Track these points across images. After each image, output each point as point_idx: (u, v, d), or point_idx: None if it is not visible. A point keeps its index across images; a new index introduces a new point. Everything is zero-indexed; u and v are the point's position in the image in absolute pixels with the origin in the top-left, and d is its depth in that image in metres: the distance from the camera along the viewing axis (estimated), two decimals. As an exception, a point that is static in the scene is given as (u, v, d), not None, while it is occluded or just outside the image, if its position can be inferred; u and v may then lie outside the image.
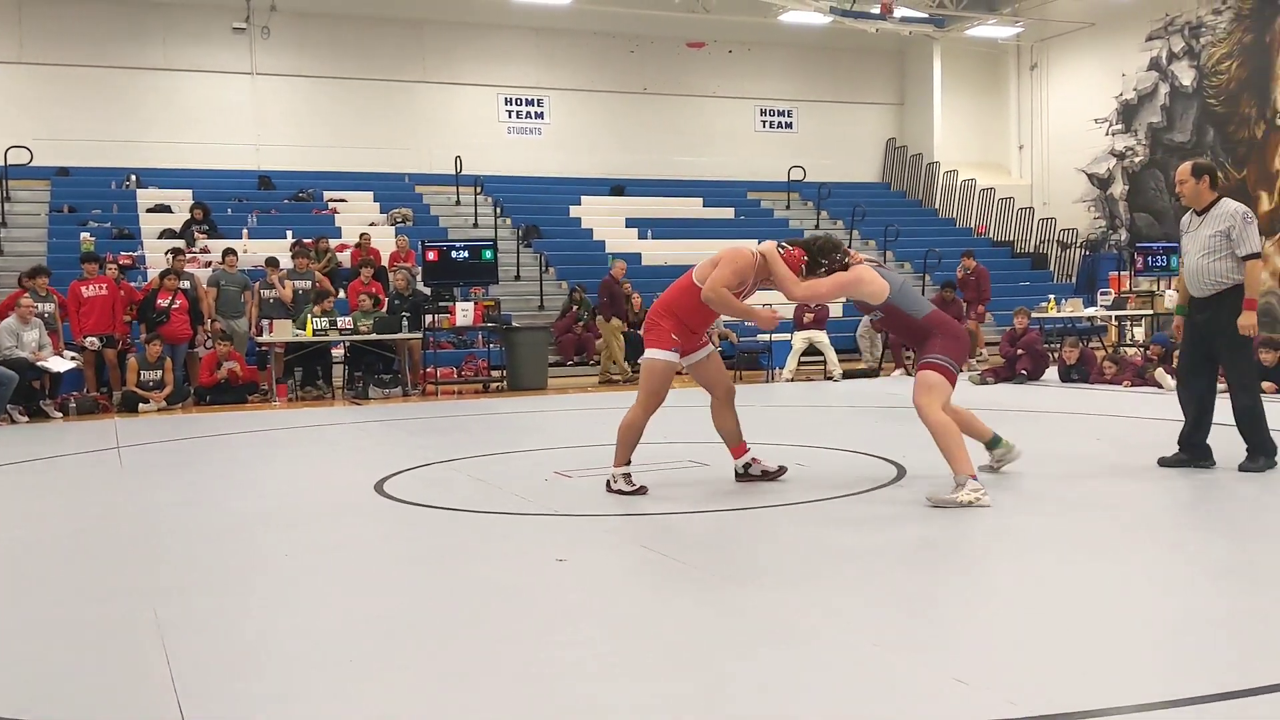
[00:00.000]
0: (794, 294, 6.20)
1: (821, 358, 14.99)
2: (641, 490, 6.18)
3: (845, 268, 6.15)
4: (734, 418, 6.51)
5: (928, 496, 5.76)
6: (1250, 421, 6.46)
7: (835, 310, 18.01)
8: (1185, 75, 22.33)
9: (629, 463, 6.26)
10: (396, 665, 3.47)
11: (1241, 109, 21.32)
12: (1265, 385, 10.53)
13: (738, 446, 6.55)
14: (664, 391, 6.22)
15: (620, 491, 6.18)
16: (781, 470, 6.56)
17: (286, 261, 15.01)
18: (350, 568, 4.82)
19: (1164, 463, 6.67)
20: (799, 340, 14.93)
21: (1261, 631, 3.59)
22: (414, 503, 6.19)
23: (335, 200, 20.34)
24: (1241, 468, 6.40)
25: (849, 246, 6.57)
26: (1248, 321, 6.34)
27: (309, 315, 13.36)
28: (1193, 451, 6.61)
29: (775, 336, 15.43)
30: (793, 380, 14.61)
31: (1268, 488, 6.06)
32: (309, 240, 16.70)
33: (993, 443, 6.62)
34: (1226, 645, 3.45)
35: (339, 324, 13.39)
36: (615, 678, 3.30)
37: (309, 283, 14.60)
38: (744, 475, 6.53)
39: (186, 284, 13.77)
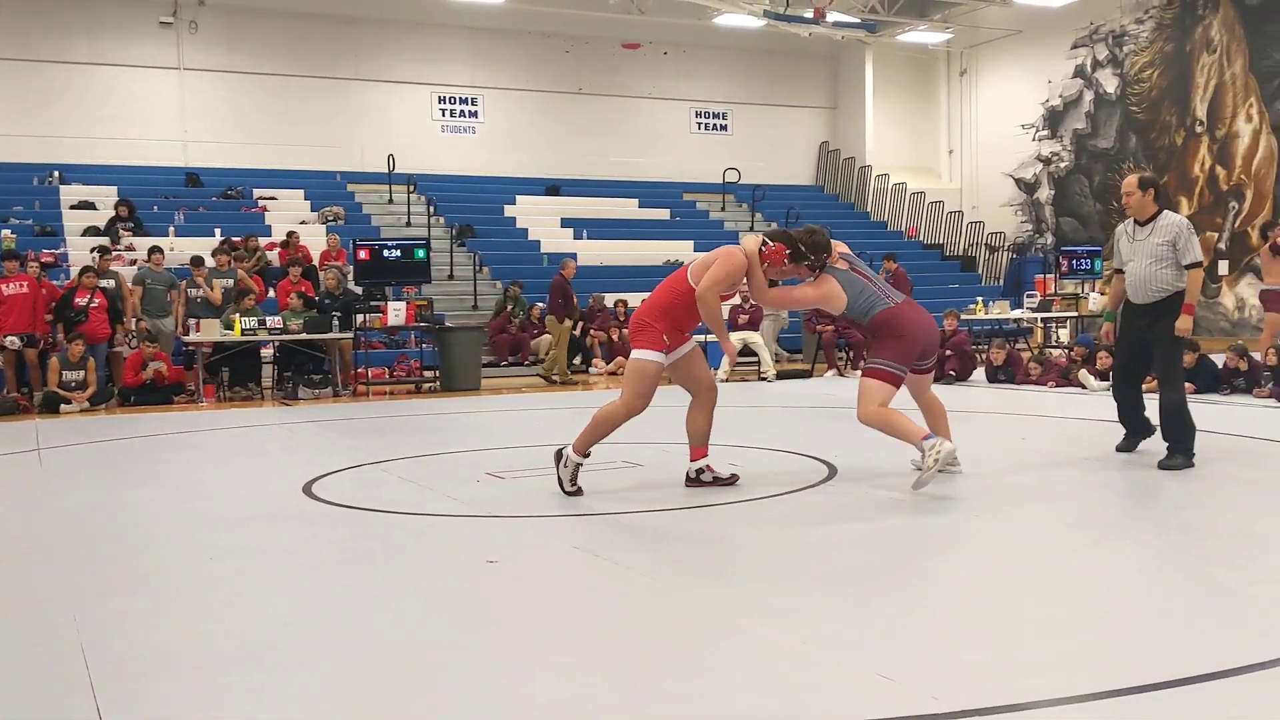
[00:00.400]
0: (765, 300, 6.27)
1: (755, 358, 15.09)
2: (578, 492, 6.11)
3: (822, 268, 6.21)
4: (708, 420, 6.39)
5: (913, 487, 5.96)
6: (1175, 419, 6.69)
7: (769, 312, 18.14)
8: (1109, 83, 22.85)
9: (587, 455, 6.11)
10: (318, 669, 3.43)
11: (1163, 116, 21.87)
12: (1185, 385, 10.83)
13: (700, 449, 6.40)
14: (650, 394, 6.10)
15: (560, 482, 6.06)
16: (734, 479, 6.44)
17: (213, 261, 14.75)
18: (275, 571, 4.76)
19: (1121, 449, 7.22)
20: (734, 341, 14.99)
21: (1178, 627, 3.68)
22: (343, 505, 6.12)
23: (265, 198, 20.05)
24: (1161, 465, 6.58)
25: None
26: (1185, 325, 6.69)
27: (237, 314, 13.15)
28: (1135, 427, 7.18)
29: (709, 338, 15.51)
30: (726, 380, 14.68)
31: (1189, 485, 6.22)
32: (238, 239, 16.45)
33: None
34: (1143, 640, 3.53)
35: (268, 323, 13.20)
36: (539, 678, 3.29)
37: (231, 281, 14.37)
38: (694, 480, 6.37)
39: (110, 282, 13.47)
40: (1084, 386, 11.92)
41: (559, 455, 6.15)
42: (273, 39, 21.57)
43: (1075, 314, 18.33)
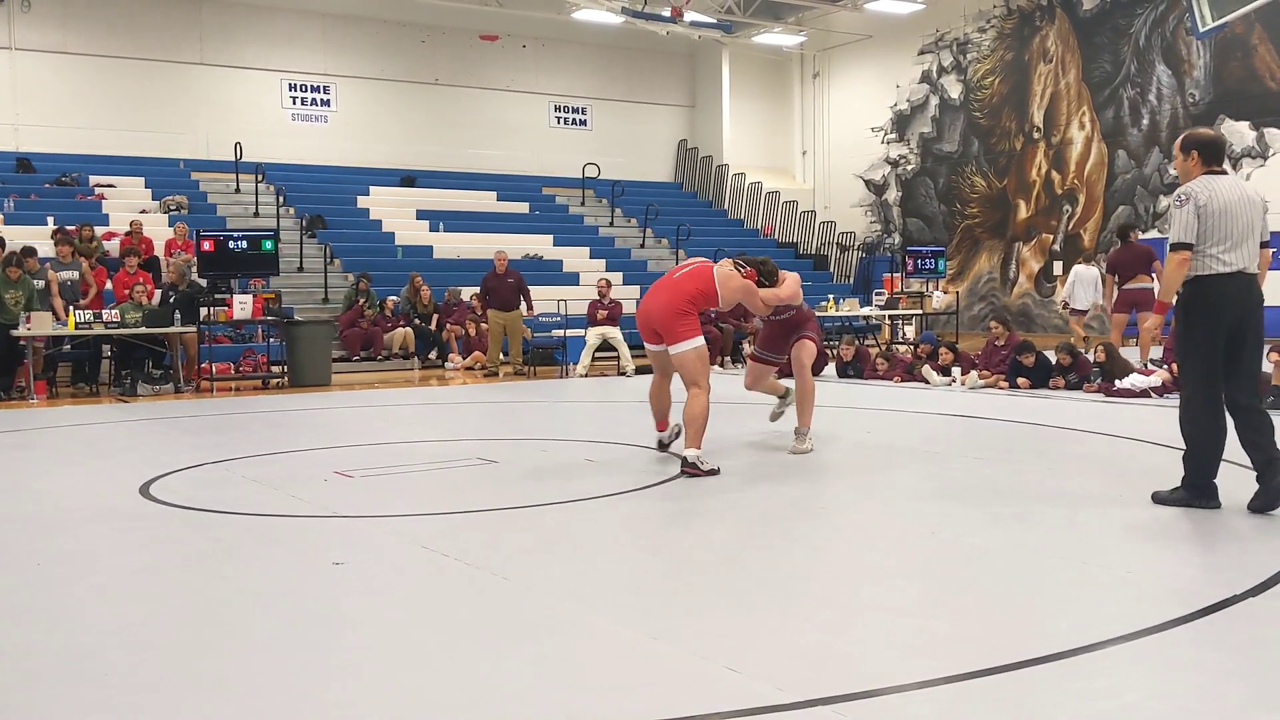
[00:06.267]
0: (761, 307, 7.31)
1: (615, 353, 15.14)
2: (715, 471, 6.52)
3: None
4: (670, 398, 7.32)
5: (790, 450, 7.25)
6: (1183, 434, 5.52)
7: (629, 308, 18.24)
8: (953, 89, 23.70)
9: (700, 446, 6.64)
10: (152, 677, 3.29)
11: (1003, 122, 22.80)
12: (1054, 381, 11.31)
13: (663, 422, 7.41)
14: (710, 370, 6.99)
15: (699, 471, 6.46)
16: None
17: (46, 250, 14.03)
18: (108, 575, 4.54)
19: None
20: (593, 336, 15.04)
21: (1014, 611, 3.83)
22: (182, 505, 5.89)
23: (103, 185, 19.15)
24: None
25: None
26: (1148, 324, 6.44)
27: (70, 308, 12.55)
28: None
29: (570, 332, 15.50)
30: (586, 375, 14.70)
31: (1050, 472, 6.50)
32: (72, 227, 15.68)
33: (783, 395, 8.14)
34: (983, 625, 3.66)
35: (104, 316, 12.61)
36: (382, 680, 3.22)
37: (75, 274, 13.69)
38: (667, 446, 7.37)
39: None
40: (927, 381, 12.34)
41: (686, 463, 6.54)
42: (110, 19, 20.61)
43: (920, 311, 18.96)
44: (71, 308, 12.72)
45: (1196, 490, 5.38)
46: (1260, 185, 18.44)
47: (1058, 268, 21.45)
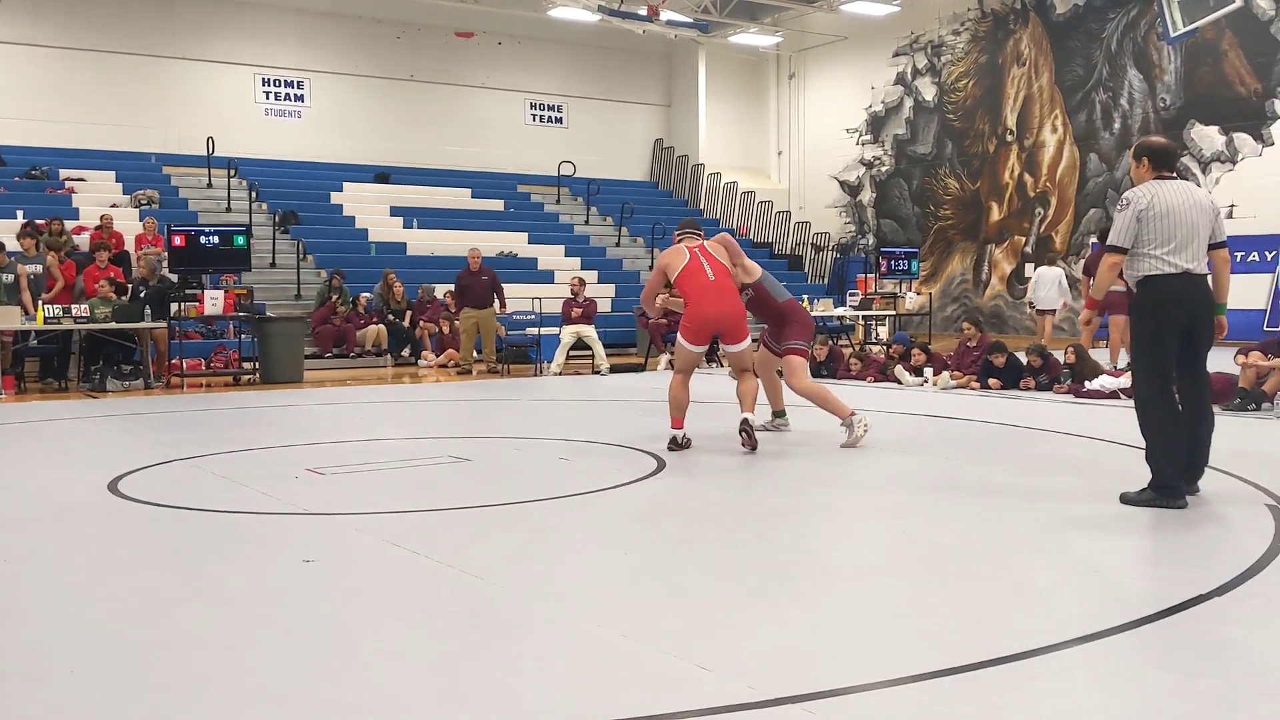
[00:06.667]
0: (755, 274, 7.78)
1: (589, 351, 15.12)
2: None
3: None
4: (755, 385, 7.63)
5: (841, 445, 7.45)
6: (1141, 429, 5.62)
7: (604, 306, 18.25)
8: (927, 91, 23.83)
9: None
10: (118, 676, 3.25)
11: (976, 125, 22.95)
12: (1025, 382, 11.38)
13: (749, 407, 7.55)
14: None
15: (764, 429, 7.47)
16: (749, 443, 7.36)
17: (14, 245, 13.87)
18: (74, 573, 4.49)
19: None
20: (567, 334, 15.01)
21: (984, 610, 3.85)
22: (151, 502, 5.84)
23: (73, 179, 18.96)
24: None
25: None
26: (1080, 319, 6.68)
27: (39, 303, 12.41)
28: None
29: (544, 330, 15.47)
30: (561, 374, 14.67)
31: (1021, 472, 6.53)
32: (41, 221, 15.51)
33: (779, 414, 8.34)
34: (949, 625, 3.68)
35: (74, 311, 12.48)
36: (352, 678, 3.21)
37: (39, 267, 13.54)
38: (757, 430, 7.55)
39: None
40: (900, 382, 12.40)
41: (750, 429, 7.23)
42: (82, 11, 20.41)
43: (893, 312, 19.05)
44: (40, 302, 12.58)
45: (1161, 490, 5.44)
46: (1229, 190, 18.68)
47: (1030, 269, 21.59)
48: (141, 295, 13.53)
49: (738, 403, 7.48)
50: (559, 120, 25.63)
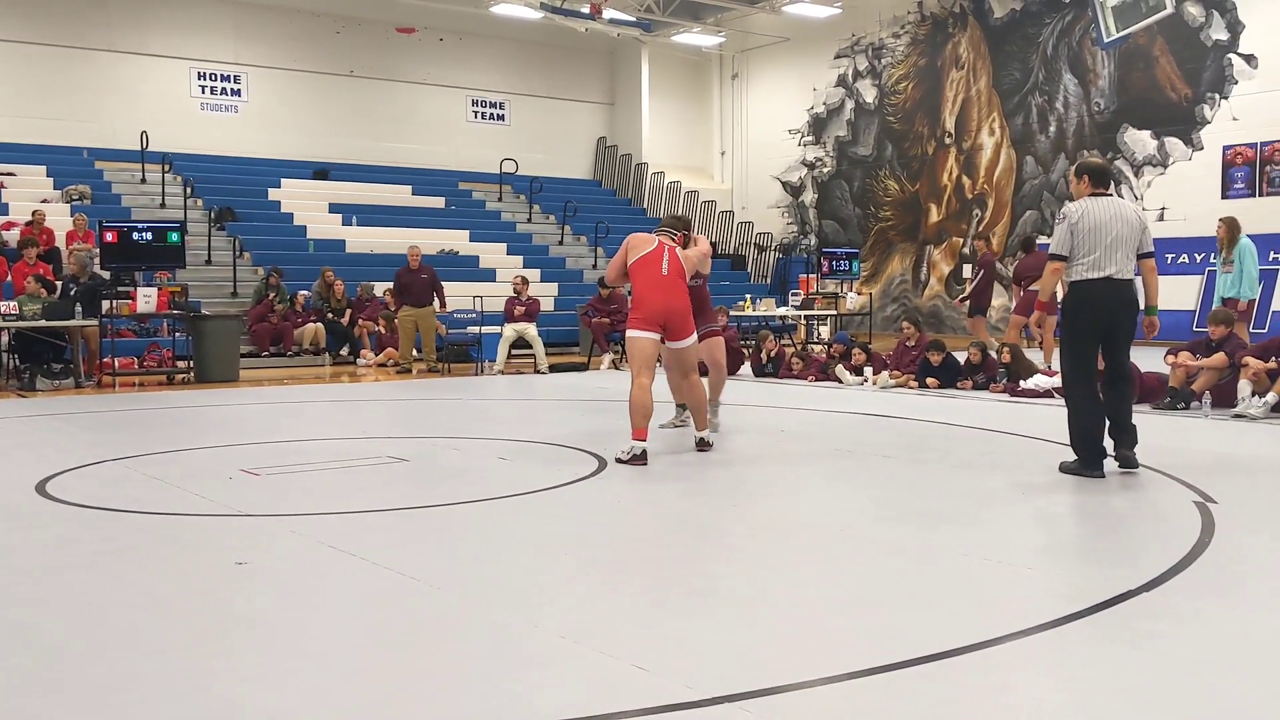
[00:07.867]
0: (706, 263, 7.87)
1: (530, 350, 15.06)
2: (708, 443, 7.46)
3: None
4: (703, 389, 7.72)
5: (660, 425, 7.87)
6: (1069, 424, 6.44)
7: (547, 305, 18.18)
8: (868, 93, 24.05)
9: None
10: (38, 684, 3.17)
11: (916, 127, 23.20)
12: (962, 382, 11.52)
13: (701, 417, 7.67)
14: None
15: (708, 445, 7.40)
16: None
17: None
18: (1, 576, 4.38)
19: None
20: (509, 333, 14.94)
21: (921, 607, 3.88)
22: (80, 504, 5.70)
23: (2, 174, 18.49)
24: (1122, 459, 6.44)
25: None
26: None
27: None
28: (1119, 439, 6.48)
29: (485, 329, 15.39)
30: (502, 373, 14.60)
31: (956, 470, 6.61)
32: (-33, 215, 15.13)
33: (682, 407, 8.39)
34: (888, 620, 3.71)
35: (2, 309, 12.17)
36: (283, 683, 3.15)
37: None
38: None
39: None
40: (840, 381, 12.49)
41: (708, 433, 7.48)
42: (13, 3, 19.90)
43: (835, 312, 19.21)
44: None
45: (1084, 461, 6.26)
46: (1160, 193, 19.08)
47: (967, 270, 21.89)
48: (72, 293, 13.23)
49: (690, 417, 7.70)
50: (501, 118, 25.51)
